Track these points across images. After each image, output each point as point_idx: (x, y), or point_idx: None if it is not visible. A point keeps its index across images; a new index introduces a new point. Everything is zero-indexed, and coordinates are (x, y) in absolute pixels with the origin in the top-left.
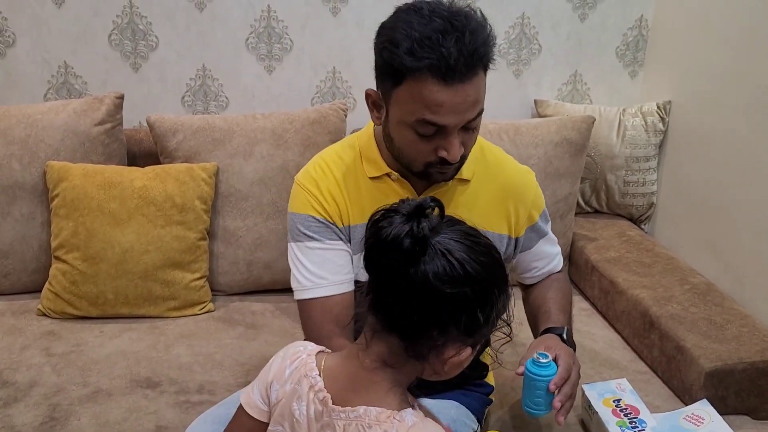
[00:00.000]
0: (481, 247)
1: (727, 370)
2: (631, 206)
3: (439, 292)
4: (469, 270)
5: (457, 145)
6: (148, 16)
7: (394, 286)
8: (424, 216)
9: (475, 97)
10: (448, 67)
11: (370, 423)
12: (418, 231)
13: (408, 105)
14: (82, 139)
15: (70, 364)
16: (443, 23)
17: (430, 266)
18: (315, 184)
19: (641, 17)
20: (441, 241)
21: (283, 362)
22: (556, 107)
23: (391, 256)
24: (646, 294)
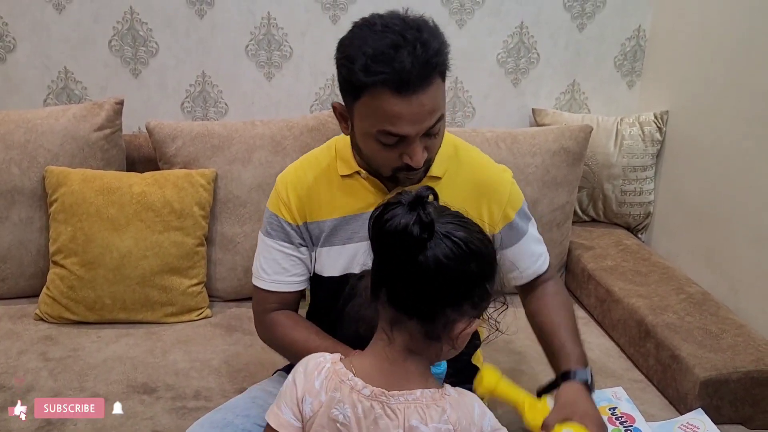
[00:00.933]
0: (473, 226)
1: (722, 380)
2: (628, 215)
3: (450, 272)
4: (473, 247)
5: (419, 152)
6: (149, 22)
7: (408, 274)
8: (426, 203)
9: (431, 106)
10: (401, 80)
11: (428, 403)
12: (425, 217)
13: (368, 118)
14: (82, 145)
15: (66, 369)
16: (395, 37)
17: (439, 249)
18: (284, 186)
19: (639, 27)
20: (441, 224)
21: (308, 376)
22: (553, 116)
23: (403, 245)
24: (642, 303)
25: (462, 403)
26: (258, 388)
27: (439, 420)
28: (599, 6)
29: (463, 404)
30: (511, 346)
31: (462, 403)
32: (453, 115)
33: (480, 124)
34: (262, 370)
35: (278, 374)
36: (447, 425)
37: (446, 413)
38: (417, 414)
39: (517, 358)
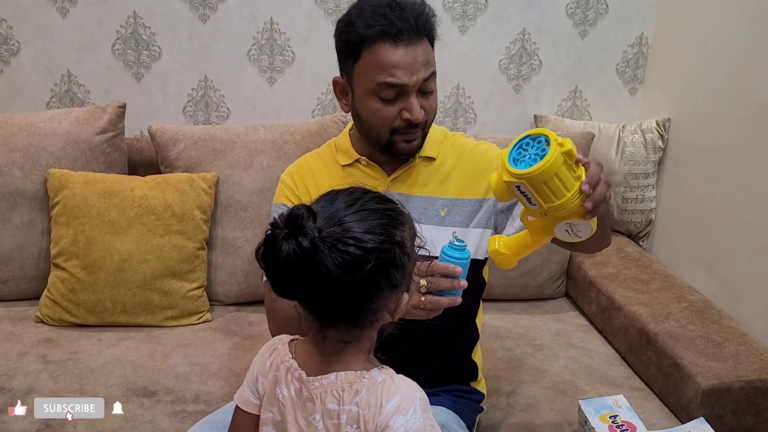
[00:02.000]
0: (369, 210)
1: (724, 389)
2: (630, 223)
3: (350, 277)
4: (366, 245)
5: (417, 105)
6: (152, 26)
7: (311, 290)
8: (301, 226)
9: (425, 58)
10: (397, 30)
11: (343, 386)
12: (300, 242)
13: (368, 74)
14: (84, 148)
15: (66, 371)
16: (389, 1)
17: (330, 261)
18: (291, 177)
19: (641, 35)
20: (328, 234)
21: (263, 357)
22: (555, 123)
23: (293, 270)
24: (643, 311)
25: (381, 388)
26: None
27: (350, 402)
28: (601, 13)
29: (381, 390)
30: (511, 353)
31: (381, 388)
32: (455, 121)
33: (481, 131)
34: None
35: None
36: (356, 408)
37: (359, 395)
38: (333, 397)
39: (518, 365)
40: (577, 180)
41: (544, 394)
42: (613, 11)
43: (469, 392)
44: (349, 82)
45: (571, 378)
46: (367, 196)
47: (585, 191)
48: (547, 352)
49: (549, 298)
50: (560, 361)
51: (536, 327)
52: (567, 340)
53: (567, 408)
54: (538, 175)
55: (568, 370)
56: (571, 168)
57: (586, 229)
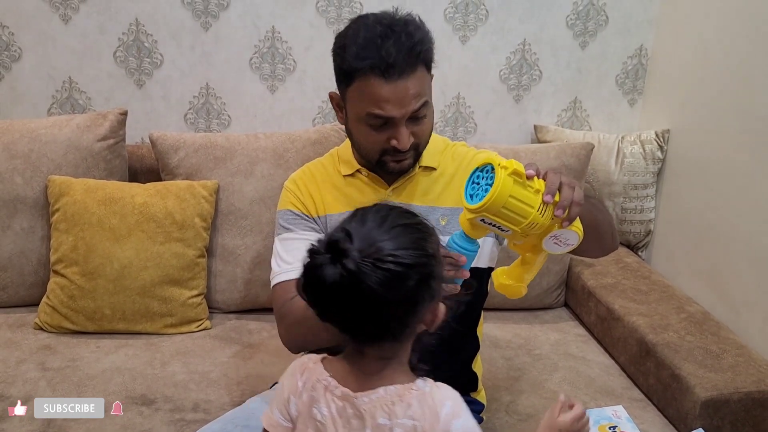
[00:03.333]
0: (399, 225)
1: (723, 400)
2: (629, 233)
3: (395, 294)
4: (406, 261)
5: (405, 135)
6: (154, 34)
7: (357, 312)
8: (343, 250)
9: (416, 91)
10: (387, 65)
11: (393, 400)
12: (345, 265)
13: (358, 102)
14: (85, 155)
15: (65, 379)
16: (383, 29)
17: (374, 280)
18: (295, 183)
19: (641, 46)
20: (369, 254)
21: (293, 377)
22: (555, 133)
23: (339, 294)
24: (642, 321)
25: (431, 398)
26: (257, 400)
27: (404, 415)
28: (601, 25)
29: (432, 399)
30: (510, 363)
31: (431, 398)
32: (455, 131)
33: (482, 140)
34: (261, 383)
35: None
36: (412, 420)
37: (411, 408)
38: (383, 411)
39: (517, 374)
40: (537, 194)
41: (543, 405)
42: (613, 23)
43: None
44: (343, 100)
45: (571, 388)
46: (394, 212)
47: (548, 202)
48: (546, 362)
49: (548, 308)
50: (559, 371)
51: (535, 337)
52: (566, 350)
53: None
54: (492, 203)
55: (568, 380)
56: (525, 186)
57: (572, 237)
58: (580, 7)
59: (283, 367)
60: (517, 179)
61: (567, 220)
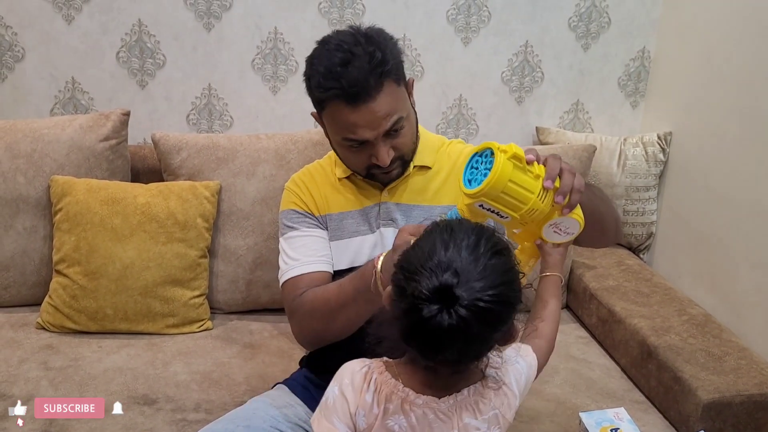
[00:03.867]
0: (492, 254)
1: (725, 403)
2: (630, 235)
3: (494, 330)
4: (504, 299)
5: (384, 152)
6: (157, 35)
7: (457, 349)
8: (454, 297)
9: (386, 111)
10: (351, 93)
11: (476, 399)
12: (457, 312)
13: (333, 127)
14: (87, 155)
15: (67, 378)
16: (344, 55)
17: (482, 320)
18: (296, 183)
19: (643, 49)
20: (476, 299)
21: (357, 390)
22: (557, 135)
23: (452, 339)
24: (644, 323)
25: (504, 384)
26: (259, 400)
27: (488, 411)
28: (604, 27)
29: (505, 386)
30: None
31: (504, 384)
32: (456, 132)
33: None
34: (263, 384)
35: (279, 386)
36: (494, 411)
37: (492, 401)
38: (468, 411)
39: None
40: (537, 179)
41: (544, 407)
42: (616, 25)
43: None
44: (321, 120)
45: (572, 390)
46: (483, 236)
47: (548, 187)
48: (547, 364)
49: None
50: (561, 373)
51: None
52: (568, 352)
53: (568, 420)
54: (491, 187)
55: (569, 382)
56: (525, 170)
57: (573, 225)
58: (583, 9)
59: (285, 368)
60: (517, 164)
61: (567, 207)
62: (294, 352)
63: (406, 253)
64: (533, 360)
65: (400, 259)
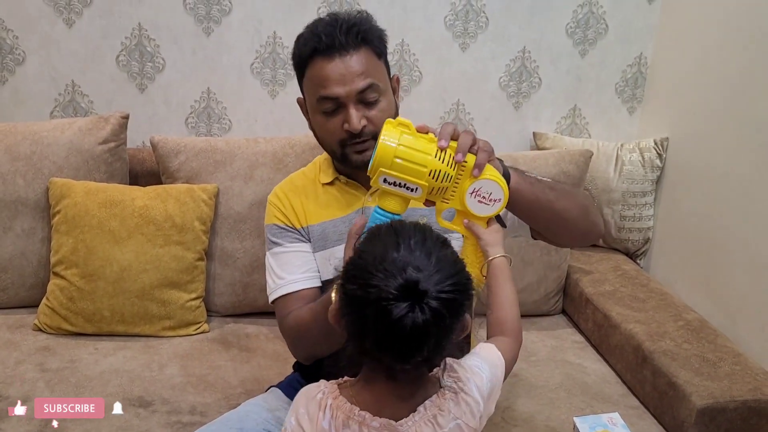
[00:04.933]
0: (438, 245)
1: (719, 408)
2: (627, 241)
3: (458, 319)
4: (461, 287)
5: (355, 116)
6: (156, 39)
7: (427, 345)
8: (423, 292)
9: (359, 69)
10: (326, 45)
11: (434, 413)
12: (429, 305)
13: (310, 90)
14: (86, 157)
15: (63, 380)
16: (328, 18)
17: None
18: (277, 196)
19: (641, 55)
20: (440, 291)
21: (313, 418)
22: (554, 140)
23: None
24: (639, 329)
25: (462, 392)
26: (252, 403)
27: (447, 423)
28: (601, 33)
29: (464, 393)
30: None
31: (462, 392)
32: None
33: None
34: (258, 387)
35: (272, 390)
36: (456, 421)
37: (451, 412)
38: (428, 427)
39: (514, 380)
40: (432, 141)
41: (539, 410)
42: (613, 31)
43: None
44: (304, 99)
45: (567, 395)
46: (424, 232)
47: (442, 146)
48: (543, 369)
49: (545, 315)
50: (556, 377)
51: (532, 343)
52: (563, 357)
53: (562, 424)
54: (382, 154)
55: (564, 386)
56: (416, 135)
57: (494, 188)
58: (580, 15)
59: (280, 371)
60: (405, 129)
61: (476, 168)
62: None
63: (353, 262)
64: (498, 359)
65: (348, 270)
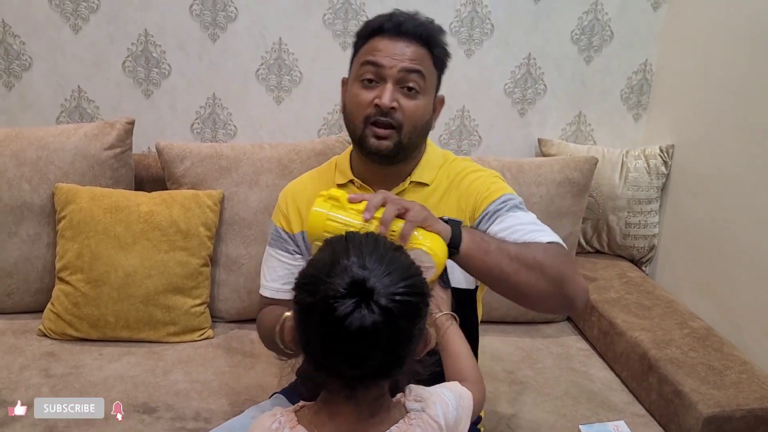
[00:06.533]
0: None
1: (726, 417)
2: (632, 248)
3: (414, 325)
4: (417, 290)
5: (389, 92)
6: (162, 44)
7: (380, 353)
8: (371, 290)
9: (412, 54)
10: (394, 25)
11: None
12: (379, 303)
13: (359, 59)
14: (92, 163)
15: (68, 385)
16: (406, 11)
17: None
18: (285, 198)
19: (646, 62)
20: (391, 292)
21: None
22: (559, 147)
23: (368, 340)
24: (645, 336)
25: (428, 416)
26: (256, 409)
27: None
28: (606, 40)
29: (429, 418)
30: (512, 376)
31: (428, 416)
32: (459, 143)
33: (486, 153)
34: (263, 393)
35: (276, 396)
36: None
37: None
38: None
39: (519, 388)
40: (359, 213)
41: (545, 418)
42: (618, 38)
43: None
44: (349, 72)
45: (573, 403)
46: (377, 240)
47: (366, 219)
48: (548, 376)
49: (550, 322)
50: (561, 385)
51: (538, 350)
52: (568, 365)
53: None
54: (311, 226)
55: (570, 394)
56: (346, 208)
57: (425, 257)
58: (585, 22)
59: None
60: (335, 203)
61: (402, 238)
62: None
63: (303, 272)
64: (464, 392)
65: (298, 281)
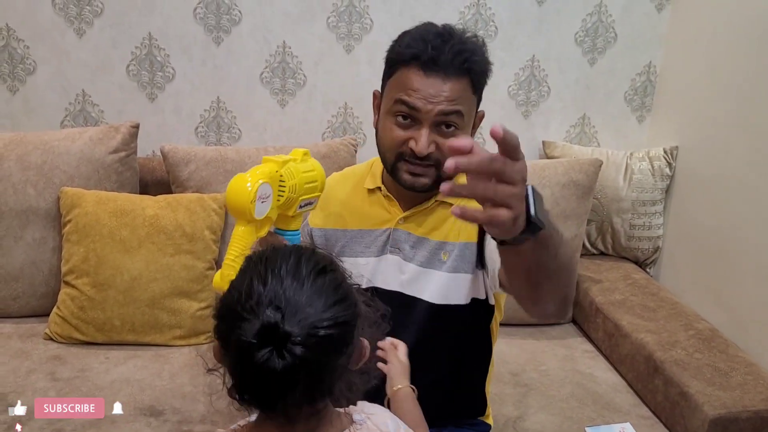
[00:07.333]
0: (314, 272)
1: (731, 418)
2: (637, 249)
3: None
4: (341, 319)
5: (425, 138)
6: (167, 48)
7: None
8: (285, 335)
9: (450, 95)
10: (428, 58)
11: None
12: (292, 351)
13: (392, 90)
14: (97, 167)
15: (74, 389)
16: (444, 30)
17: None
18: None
19: (650, 63)
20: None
21: None
22: (563, 149)
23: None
24: (650, 338)
25: (375, 426)
26: None
27: None
28: (610, 42)
29: (376, 427)
30: (517, 378)
31: (375, 426)
32: None
33: None
34: None
35: None
36: None
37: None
38: None
39: (524, 390)
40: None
41: (551, 421)
42: (622, 40)
43: (474, 424)
44: (381, 97)
45: (578, 405)
46: (303, 256)
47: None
48: (553, 378)
49: (555, 324)
50: (567, 387)
51: (543, 352)
52: (574, 367)
53: None
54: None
55: (575, 396)
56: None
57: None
58: (589, 24)
59: None
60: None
61: None
62: None
63: (222, 298)
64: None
65: (218, 307)
